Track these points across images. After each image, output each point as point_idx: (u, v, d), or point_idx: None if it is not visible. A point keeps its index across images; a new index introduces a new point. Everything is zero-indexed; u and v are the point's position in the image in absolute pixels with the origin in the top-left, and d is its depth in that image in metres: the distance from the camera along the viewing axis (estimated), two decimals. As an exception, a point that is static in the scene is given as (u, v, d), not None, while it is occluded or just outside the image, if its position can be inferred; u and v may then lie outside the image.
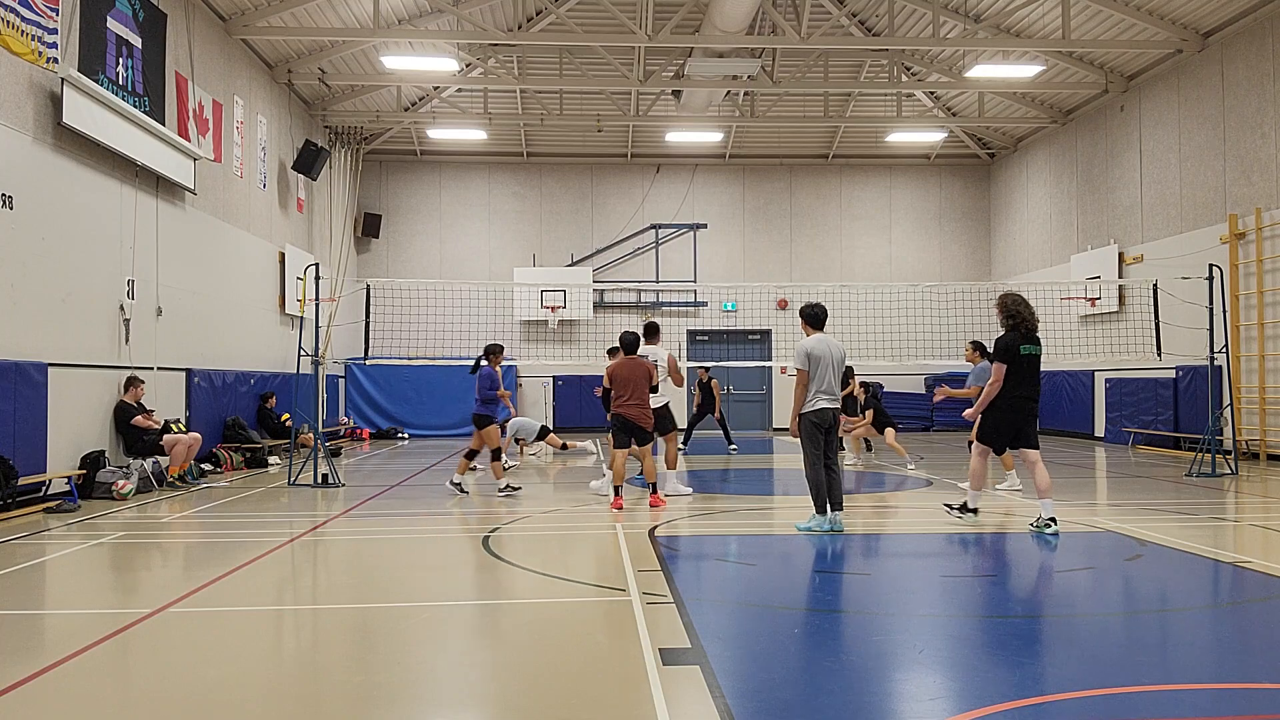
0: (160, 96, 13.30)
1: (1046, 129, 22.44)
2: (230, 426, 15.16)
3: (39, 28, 10.43)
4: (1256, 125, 15.67)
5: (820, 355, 8.50)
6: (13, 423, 9.92)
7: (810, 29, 18.81)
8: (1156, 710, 3.98)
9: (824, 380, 8.49)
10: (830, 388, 8.51)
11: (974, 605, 6.00)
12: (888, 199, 25.57)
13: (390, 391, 23.02)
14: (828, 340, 8.63)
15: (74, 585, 6.95)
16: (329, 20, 17.27)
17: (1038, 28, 18.01)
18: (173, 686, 4.43)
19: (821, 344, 8.57)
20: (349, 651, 5.07)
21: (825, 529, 8.37)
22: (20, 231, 10.27)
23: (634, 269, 24.89)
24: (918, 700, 4.22)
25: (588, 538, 8.61)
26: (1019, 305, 8.66)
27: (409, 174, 24.70)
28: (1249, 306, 15.87)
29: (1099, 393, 20.30)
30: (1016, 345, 8.54)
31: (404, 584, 6.71)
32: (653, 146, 24.63)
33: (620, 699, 4.18)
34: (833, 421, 8.56)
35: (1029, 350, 8.57)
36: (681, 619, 5.35)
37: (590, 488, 11.59)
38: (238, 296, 16.41)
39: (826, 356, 8.51)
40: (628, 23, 17.05)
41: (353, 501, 10.80)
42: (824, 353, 8.51)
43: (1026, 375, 8.55)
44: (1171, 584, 6.67)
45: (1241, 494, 11.25)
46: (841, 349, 8.67)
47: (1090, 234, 20.74)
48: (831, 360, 8.53)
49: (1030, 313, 8.64)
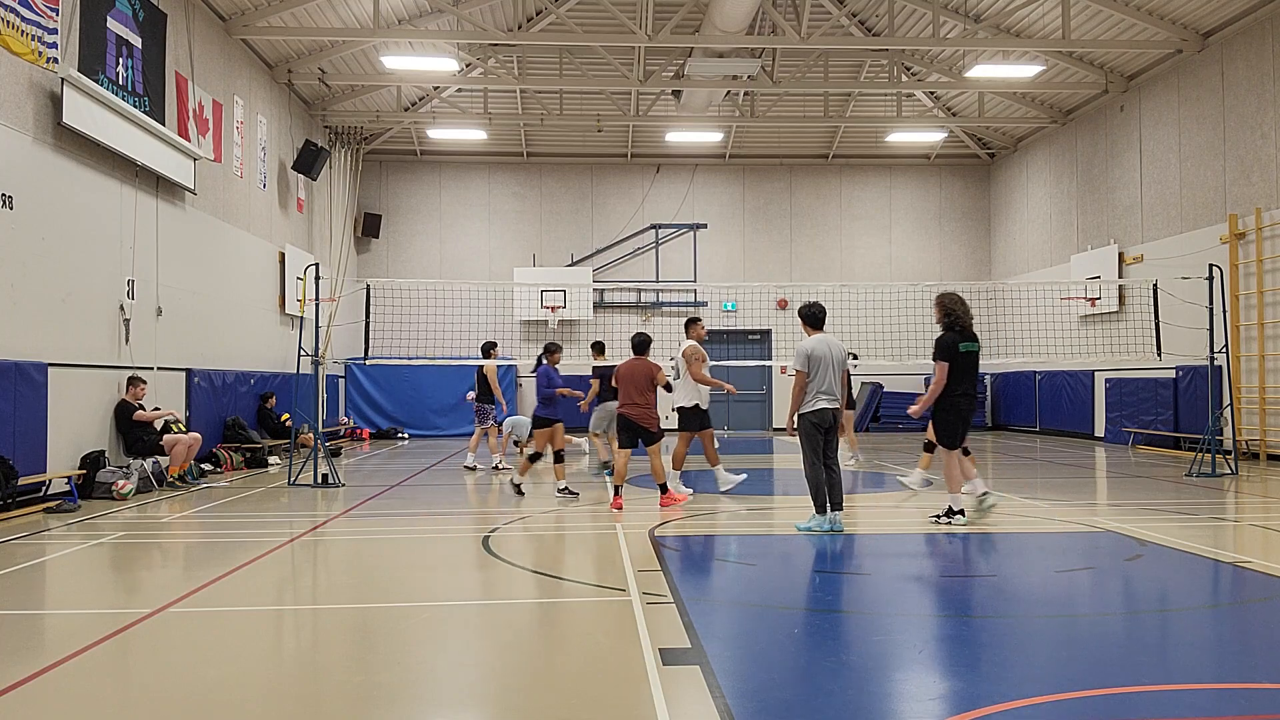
0: (160, 96, 13.30)
1: (1046, 129, 22.44)
2: (230, 426, 15.16)
3: (39, 28, 10.43)
4: (1256, 125, 15.67)
5: (820, 356, 8.52)
6: (13, 423, 9.92)
7: (810, 29, 18.81)
8: (1156, 710, 3.99)
9: (824, 380, 8.50)
10: (830, 388, 8.52)
11: (974, 605, 6.00)
12: (888, 199, 25.58)
13: (390, 391, 23.02)
14: (828, 340, 8.65)
15: (74, 585, 6.95)
16: (329, 20, 17.27)
17: (1038, 28, 18.02)
18: (173, 686, 4.43)
19: (822, 344, 8.59)
20: (349, 651, 5.07)
21: (825, 529, 8.37)
22: (20, 231, 10.27)
23: (634, 269, 24.89)
24: (918, 700, 4.22)
25: (588, 538, 8.62)
26: (955, 304, 8.90)
27: (409, 174, 24.70)
28: (1249, 306, 15.87)
29: (1099, 393, 20.29)
30: (956, 344, 8.74)
31: (404, 584, 6.71)
32: (653, 146, 24.63)
33: (620, 699, 4.18)
34: (832, 422, 8.57)
35: (968, 348, 8.79)
36: (681, 619, 5.35)
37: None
38: (238, 296, 16.41)
39: (826, 357, 8.52)
40: (628, 23, 17.06)
41: (353, 501, 10.80)
42: (824, 353, 8.53)
43: (967, 372, 8.80)
44: (1171, 584, 6.67)
45: (1241, 494, 11.25)
46: (843, 349, 8.70)
47: (1090, 234, 20.74)
48: (832, 361, 8.54)
49: (966, 311, 8.89)
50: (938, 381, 8.75)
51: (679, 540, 8.19)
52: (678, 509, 9.83)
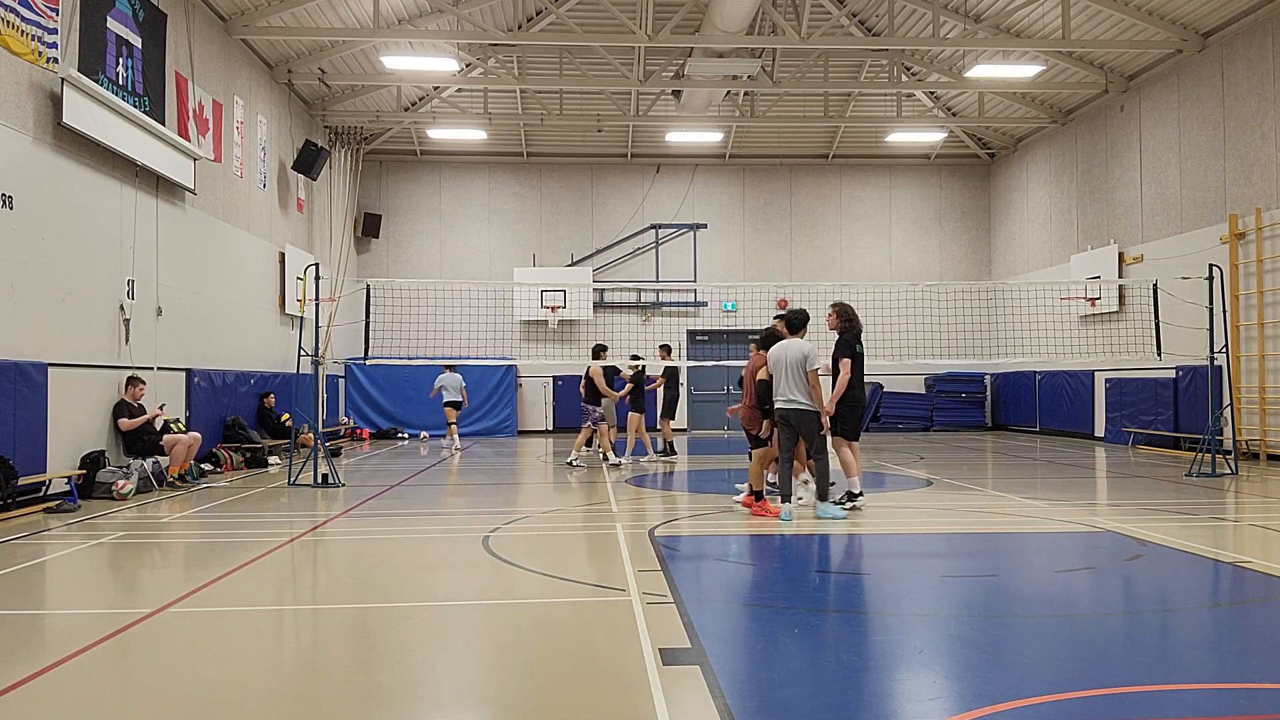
0: (160, 96, 13.30)
1: (1046, 129, 22.44)
2: (230, 426, 15.16)
3: (39, 28, 10.43)
4: (1256, 125, 15.67)
5: (775, 359, 9.30)
6: (13, 423, 9.92)
7: (810, 29, 18.81)
8: (1156, 710, 3.99)
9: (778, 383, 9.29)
10: (782, 391, 9.18)
11: (974, 605, 6.00)
12: (888, 199, 25.57)
13: (390, 391, 23.03)
14: (785, 345, 9.33)
15: (74, 585, 6.95)
16: (329, 20, 17.27)
17: (1038, 28, 18.02)
18: (173, 686, 4.43)
19: (779, 349, 9.32)
20: (349, 651, 5.07)
21: (839, 516, 9.07)
22: (20, 231, 10.27)
23: (634, 269, 24.89)
24: (918, 700, 4.22)
25: (588, 538, 8.62)
26: (853, 312, 9.88)
27: (409, 174, 24.70)
28: (1249, 306, 15.87)
29: (1099, 393, 20.29)
30: (854, 345, 9.67)
31: (404, 584, 6.71)
32: (653, 146, 24.63)
33: (620, 699, 4.18)
34: (786, 420, 9.18)
35: (860, 350, 9.79)
36: (681, 619, 5.35)
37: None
38: (238, 296, 16.41)
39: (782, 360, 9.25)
40: (628, 23, 17.06)
41: (353, 501, 10.80)
42: (779, 357, 9.26)
43: (860, 371, 9.71)
44: (1171, 584, 6.67)
45: (1241, 494, 11.25)
46: (800, 351, 9.15)
47: (1090, 234, 20.74)
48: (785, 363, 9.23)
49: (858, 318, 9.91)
50: (844, 377, 9.54)
51: (679, 540, 8.19)
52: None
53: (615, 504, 10.48)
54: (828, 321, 10.01)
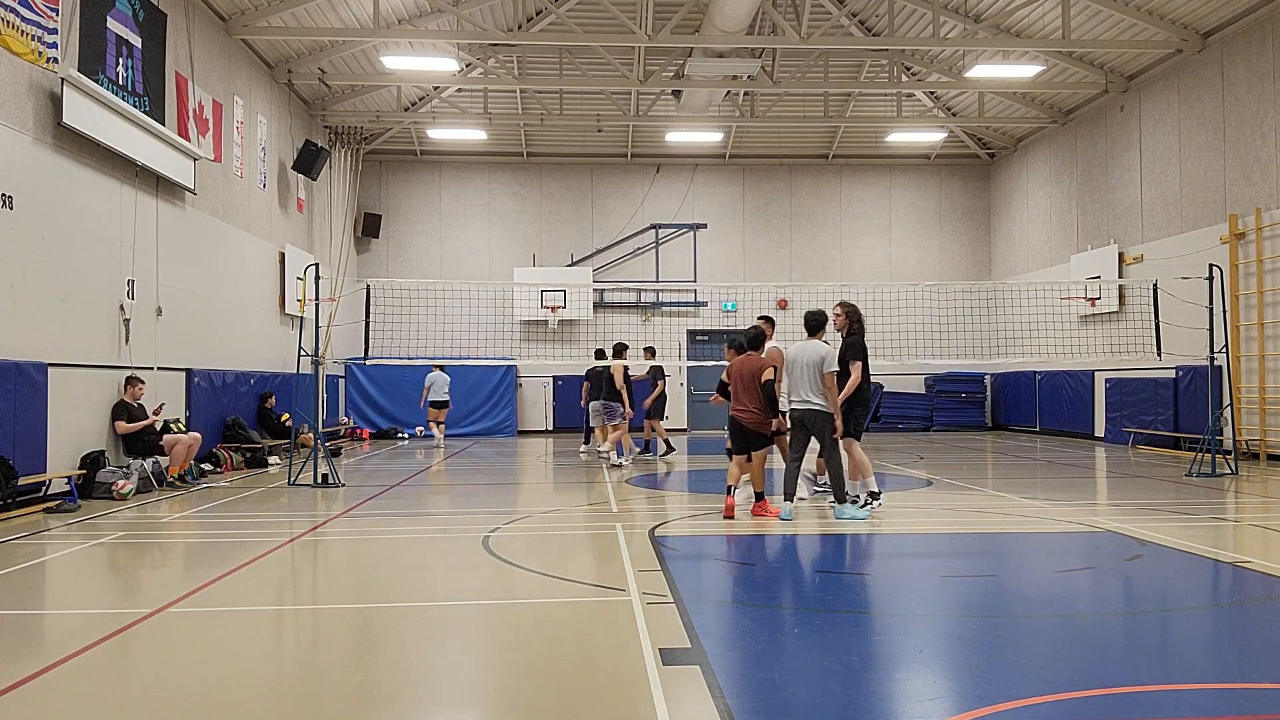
0: (160, 96, 13.30)
1: (1046, 129, 22.44)
2: (230, 426, 15.16)
3: (39, 28, 10.43)
4: (1256, 125, 15.67)
5: (791, 359, 9.36)
6: (13, 423, 9.91)
7: (810, 29, 18.81)
8: (1156, 710, 3.98)
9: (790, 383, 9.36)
10: (797, 392, 9.27)
11: (974, 605, 6.00)
12: (888, 199, 25.58)
13: (390, 391, 23.02)
14: (802, 346, 9.40)
15: (74, 585, 6.95)
16: (329, 20, 17.27)
17: (1038, 28, 18.02)
18: (173, 686, 4.43)
19: (796, 349, 9.39)
20: (349, 651, 5.07)
21: (860, 517, 9.06)
22: (20, 231, 10.27)
23: (634, 269, 24.89)
24: (918, 700, 4.22)
25: (588, 538, 8.62)
26: (858, 312, 9.97)
27: (409, 174, 24.70)
28: (1249, 306, 15.87)
29: (1099, 393, 20.29)
30: (864, 346, 9.72)
31: (404, 584, 6.71)
32: (653, 146, 24.63)
33: (620, 699, 4.18)
34: (801, 422, 9.28)
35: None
36: (681, 619, 5.35)
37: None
38: (238, 296, 16.40)
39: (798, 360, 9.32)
40: (628, 23, 17.05)
41: (353, 501, 10.80)
42: (795, 356, 9.32)
43: (868, 372, 9.78)
44: (1171, 584, 6.67)
45: (1241, 494, 11.25)
46: (818, 352, 9.20)
47: (1090, 234, 20.74)
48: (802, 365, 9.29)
49: (863, 318, 10.03)
50: (855, 379, 9.53)
51: (679, 540, 8.19)
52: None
53: (615, 504, 10.49)
54: (835, 321, 9.99)
